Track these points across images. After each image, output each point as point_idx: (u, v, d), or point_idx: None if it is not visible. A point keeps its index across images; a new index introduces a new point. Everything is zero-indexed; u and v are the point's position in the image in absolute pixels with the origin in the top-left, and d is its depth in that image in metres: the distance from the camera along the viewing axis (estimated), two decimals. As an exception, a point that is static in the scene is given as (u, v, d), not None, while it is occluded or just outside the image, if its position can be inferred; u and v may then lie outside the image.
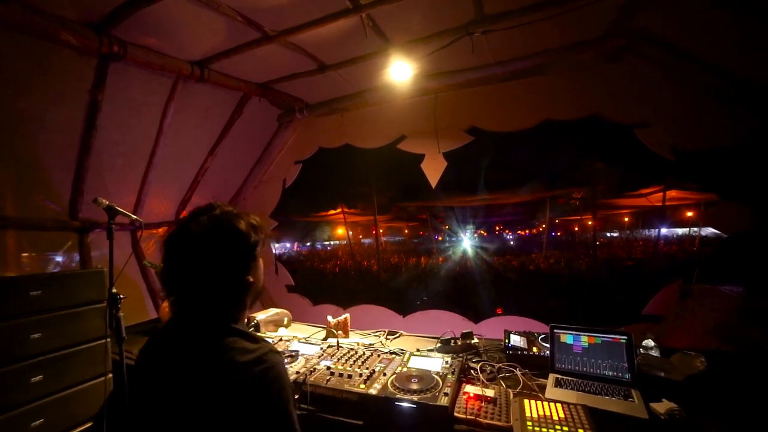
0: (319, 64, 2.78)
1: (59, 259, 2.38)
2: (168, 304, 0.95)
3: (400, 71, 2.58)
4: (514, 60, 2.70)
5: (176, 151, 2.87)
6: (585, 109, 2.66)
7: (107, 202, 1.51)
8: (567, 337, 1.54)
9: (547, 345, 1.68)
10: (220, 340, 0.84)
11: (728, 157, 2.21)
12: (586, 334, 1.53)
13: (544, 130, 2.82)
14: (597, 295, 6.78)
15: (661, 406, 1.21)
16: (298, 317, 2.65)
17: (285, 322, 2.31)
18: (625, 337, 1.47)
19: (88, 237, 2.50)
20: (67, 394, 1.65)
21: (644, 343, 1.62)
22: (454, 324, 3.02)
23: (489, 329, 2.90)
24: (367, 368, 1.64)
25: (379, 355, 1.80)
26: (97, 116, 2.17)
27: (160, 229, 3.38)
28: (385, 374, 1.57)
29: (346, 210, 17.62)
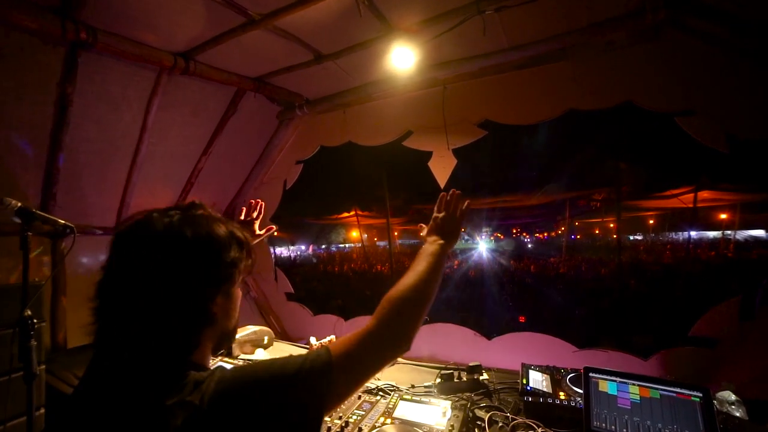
0: (315, 53, 2.55)
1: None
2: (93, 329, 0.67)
3: (403, 58, 2.32)
4: (533, 44, 2.38)
5: (164, 149, 2.69)
6: (616, 97, 2.32)
7: (18, 204, 1.25)
8: (608, 386, 1.12)
9: (578, 390, 1.31)
10: (148, 398, 0.58)
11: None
12: (636, 383, 1.11)
13: (567, 121, 2.48)
14: (625, 305, 6.27)
15: None
16: (296, 329, 2.41)
17: (265, 342, 2.06)
18: (699, 395, 1.05)
19: (61, 242, 2.33)
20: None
21: (719, 395, 1.18)
22: (462, 340, 2.71)
23: (505, 347, 2.57)
24: (339, 418, 1.29)
25: (359, 396, 1.46)
26: (68, 111, 1.99)
27: (72, 227, 3.19)
28: (360, 429, 1.23)
29: (359, 212, 17.47)
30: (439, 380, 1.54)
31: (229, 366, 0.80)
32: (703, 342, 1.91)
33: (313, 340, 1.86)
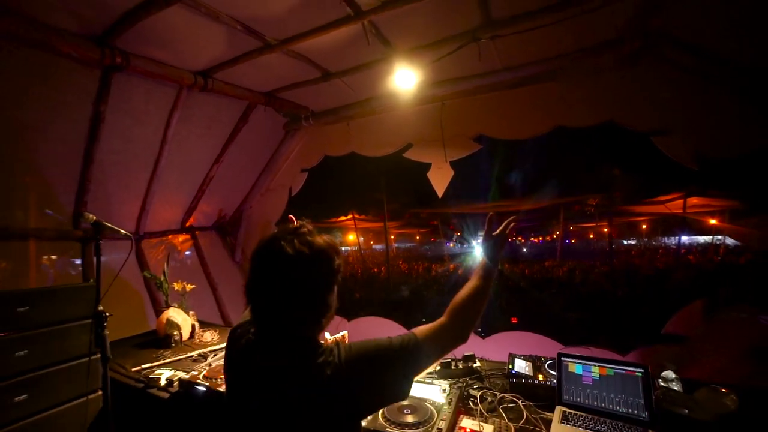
0: (323, 72, 2.75)
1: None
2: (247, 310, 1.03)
3: (405, 79, 2.52)
4: (524, 65, 2.60)
5: (181, 159, 2.87)
6: (599, 116, 2.54)
7: (94, 218, 1.48)
8: (576, 367, 1.41)
9: (554, 372, 1.55)
10: (312, 354, 0.87)
11: (761, 165, 2.06)
12: (597, 364, 1.40)
13: (556, 137, 2.70)
14: (616, 308, 6.50)
15: None
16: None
17: None
18: (642, 371, 1.33)
19: (91, 246, 2.50)
20: (54, 413, 1.59)
21: (664, 374, 1.46)
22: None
23: (498, 345, 2.77)
24: None
25: None
26: (101, 127, 2.17)
27: (168, 237, 3.38)
28: None
29: (357, 216, 17.62)
30: (438, 367, 1.78)
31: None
32: (674, 339, 2.12)
33: (327, 335, 2.03)
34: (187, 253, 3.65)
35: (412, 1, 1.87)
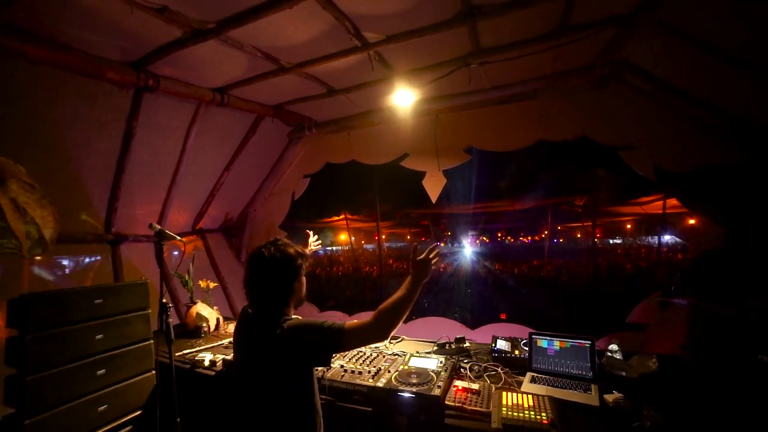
0: (329, 88, 3.02)
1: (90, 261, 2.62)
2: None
3: (404, 98, 2.80)
4: (510, 85, 2.92)
5: (196, 168, 3.11)
6: (575, 131, 2.87)
7: (159, 227, 1.75)
8: (543, 342, 1.81)
9: (527, 349, 1.95)
10: (276, 320, 1.33)
11: (705, 179, 2.41)
12: (558, 339, 1.81)
13: (538, 149, 3.03)
14: (598, 304, 6.92)
15: (611, 397, 1.48)
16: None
17: None
18: (589, 342, 1.75)
19: (119, 249, 2.73)
20: (123, 386, 1.96)
21: (610, 347, 1.86)
22: (451, 330, 3.21)
23: (485, 335, 3.09)
24: (374, 366, 1.91)
25: (384, 356, 2.05)
26: (132, 141, 2.41)
27: (181, 239, 3.60)
28: (389, 371, 1.84)
29: (349, 216, 17.85)
30: (435, 347, 2.12)
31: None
32: (636, 327, 2.46)
33: None
34: (192, 252, 3.87)
35: (412, 36, 2.16)
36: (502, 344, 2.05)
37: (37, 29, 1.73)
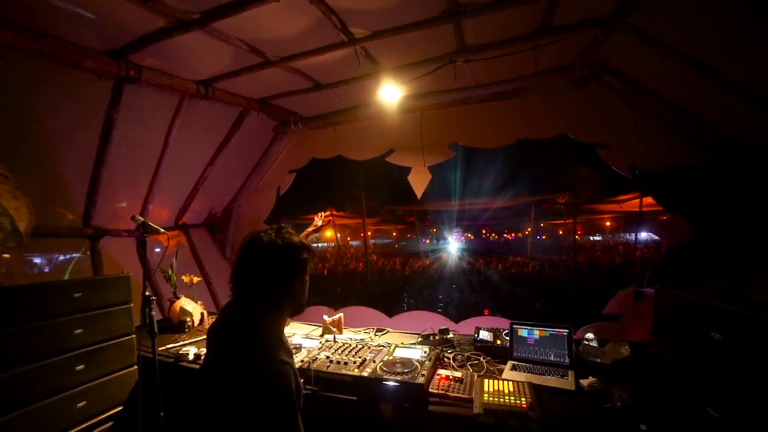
0: (315, 83, 3.01)
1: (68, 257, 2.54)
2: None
3: (390, 93, 2.83)
4: (493, 84, 2.98)
5: (179, 162, 3.05)
6: (555, 130, 2.97)
7: (142, 219, 1.72)
8: (523, 331, 1.89)
9: (508, 338, 2.02)
10: (255, 334, 1.04)
11: (674, 178, 2.54)
12: (537, 328, 1.89)
13: (522, 147, 3.11)
14: (578, 298, 7.16)
15: (586, 381, 1.59)
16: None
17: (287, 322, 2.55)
18: (566, 331, 1.83)
19: (99, 243, 2.66)
20: (103, 381, 1.92)
21: (586, 336, 1.96)
22: (436, 323, 3.28)
23: (469, 327, 3.16)
24: (359, 357, 1.94)
25: (369, 348, 2.09)
26: (112, 133, 2.35)
27: (165, 232, 3.53)
28: (374, 361, 1.88)
29: (335, 213, 17.78)
30: (420, 339, 2.16)
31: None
32: (611, 318, 2.59)
33: (326, 317, 2.34)
34: (174, 248, 3.81)
35: (398, 33, 2.19)
36: (484, 334, 2.13)
37: (11, 14, 1.67)
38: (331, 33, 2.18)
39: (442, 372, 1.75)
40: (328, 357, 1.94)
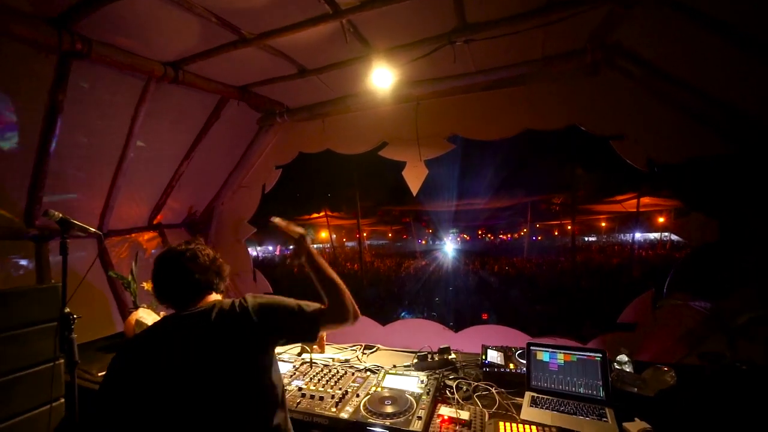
0: (300, 68, 2.73)
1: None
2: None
3: (382, 78, 2.55)
4: (497, 69, 2.72)
5: (149, 155, 2.74)
6: (563, 120, 2.70)
7: (60, 215, 1.40)
8: (543, 355, 1.53)
9: (524, 361, 1.68)
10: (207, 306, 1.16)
11: (699, 172, 2.28)
12: (562, 351, 1.52)
13: (522, 140, 2.85)
14: (578, 301, 6.92)
15: (634, 426, 1.21)
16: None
17: None
18: (600, 355, 1.47)
19: (47, 246, 2.33)
20: (11, 424, 1.46)
21: (618, 358, 1.62)
22: (434, 333, 2.99)
23: (469, 338, 2.88)
24: (340, 389, 1.60)
25: (353, 374, 1.75)
26: (58, 118, 2.03)
27: (132, 234, 3.21)
28: (358, 395, 1.53)
29: (329, 213, 17.49)
30: (415, 360, 1.83)
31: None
32: (627, 327, 2.32)
33: None
34: (153, 251, 3.49)
35: (390, 2, 1.91)
36: (493, 356, 1.79)
37: None
38: (312, 4, 1.89)
39: (444, 411, 1.39)
40: (300, 389, 1.60)
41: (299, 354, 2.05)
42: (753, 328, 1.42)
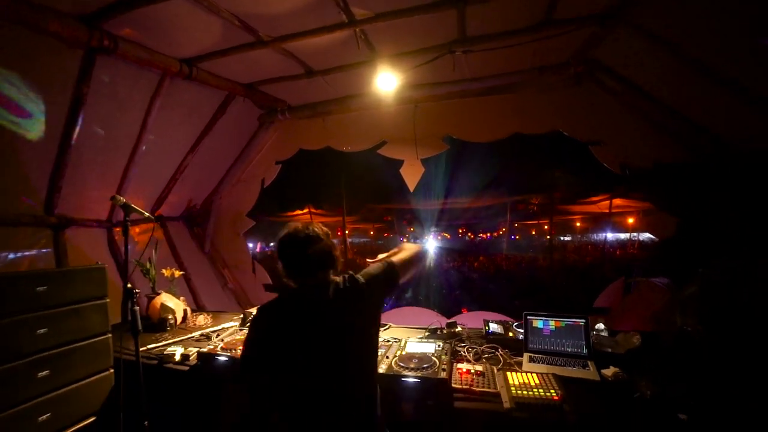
0: (307, 69, 2.87)
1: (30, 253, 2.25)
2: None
3: (386, 82, 2.73)
4: (491, 77, 2.96)
5: (157, 147, 2.82)
6: (549, 126, 2.98)
7: (123, 200, 1.53)
8: (538, 322, 1.83)
9: (521, 330, 1.98)
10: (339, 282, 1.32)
11: (664, 176, 2.61)
12: (553, 319, 1.83)
13: (506, 142, 3.12)
14: (555, 296, 7.36)
15: (609, 371, 1.55)
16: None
17: None
18: (583, 321, 1.78)
19: (65, 233, 2.39)
20: (72, 389, 1.65)
21: (597, 327, 1.95)
22: (429, 318, 3.22)
23: (460, 322, 3.13)
24: None
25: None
26: (81, 110, 2.11)
27: (136, 228, 3.25)
28: (387, 357, 1.78)
29: (313, 210, 17.43)
30: (427, 333, 2.09)
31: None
32: (602, 311, 2.63)
33: None
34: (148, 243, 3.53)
35: (402, 16, 2.10)
36: (494, 327, 2.08)
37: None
38: (331, 12, 2.06)
39: (462, 366, 1.65)
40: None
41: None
42: (693, 299, 1.75)
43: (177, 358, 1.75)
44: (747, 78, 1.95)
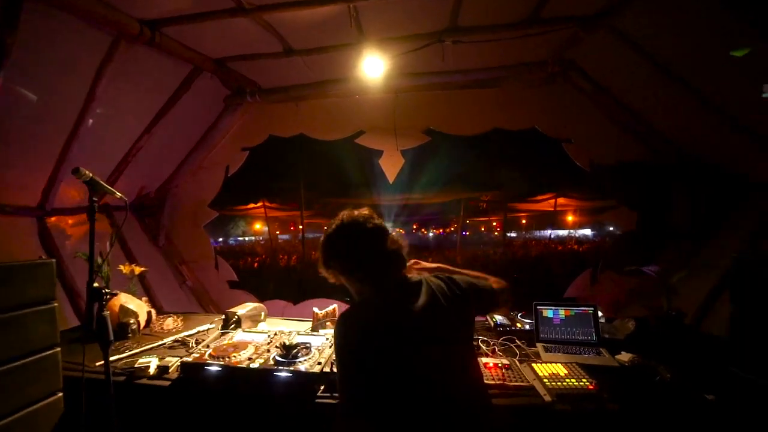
0: (287, 47, 2.66)
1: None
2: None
3: (373, 66, 2.63)
4: (474, 70, 2.99)
5: (106, 124, 2.42)
6: (527, 122, 3.10)
7: (90, 174, 1.23)
8: (549, 312, 1.85)
9: (526, 320, 2.03)
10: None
11: (626, 173, 2.84)
12: (563, 308, 1.86)
13: (491, 137, 3.19)
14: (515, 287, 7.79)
15: (623, 357, 1.59)
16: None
17: (262, 317, 2.15)
18: (592, 309, 1.84)
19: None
20: (10, 421, 1.19)
21: None
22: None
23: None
24: None
25: None
26: (4, 62, 1.69)
27: (69, 219, 2.77)
28: None
29: (267, 204, 16.64)
30: None
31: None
32: (571, 300, 2.80)
33: (316, 309, 2.03)
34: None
35: (400, -6, 2.01)
36: (500, 318, 2.08)
37: None
38: (326, -16, 1.91)
39: (487, 360, 1.56)
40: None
41: (314, 330, 2.02)
42: (678, 286, 1.93)
43: (152, 371, 1.42)
44: (710, 90, 2.17)
